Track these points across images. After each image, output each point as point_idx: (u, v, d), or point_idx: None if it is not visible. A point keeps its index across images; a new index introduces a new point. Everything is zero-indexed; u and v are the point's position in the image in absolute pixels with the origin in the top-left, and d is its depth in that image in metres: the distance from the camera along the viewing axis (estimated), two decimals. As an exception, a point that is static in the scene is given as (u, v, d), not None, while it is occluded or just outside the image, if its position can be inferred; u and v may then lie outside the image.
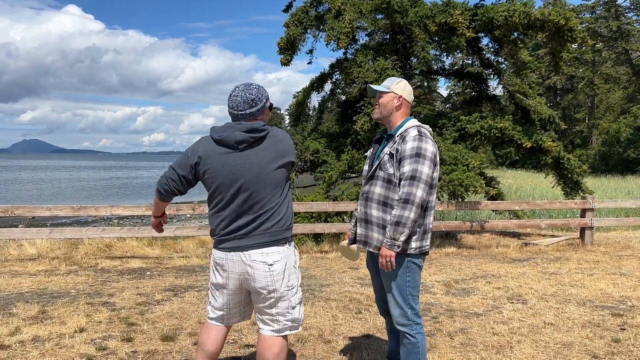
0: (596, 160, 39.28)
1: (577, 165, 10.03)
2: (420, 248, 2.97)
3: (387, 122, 3.11)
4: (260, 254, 2.73)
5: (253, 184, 2.72)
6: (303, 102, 11.99)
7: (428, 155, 2.89)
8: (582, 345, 4.17)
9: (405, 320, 3.02)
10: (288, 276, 2.79)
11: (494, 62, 11.73)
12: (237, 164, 2.74)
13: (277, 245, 2.77)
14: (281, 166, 2.76)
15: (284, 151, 2.78)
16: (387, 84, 3.10)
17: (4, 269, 6.78)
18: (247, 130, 2.74)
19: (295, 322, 2.87)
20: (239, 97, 2.79)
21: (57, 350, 3.90)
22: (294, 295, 2.84)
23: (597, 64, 46.62)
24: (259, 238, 2.74)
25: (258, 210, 2.74)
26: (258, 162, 2.73)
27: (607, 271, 7.00)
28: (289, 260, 2.82)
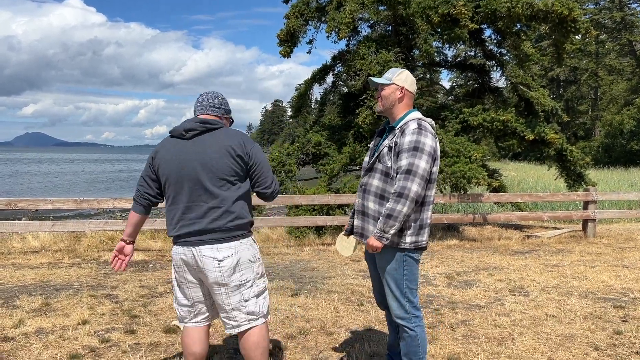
0: (599, 153, 39.13)
1: (580, 157, 10.00)
2: (415, 243, 2.95)
3: (390, 114, 3.08)
4: (210, 250, 2.74)
5: (197, 173, 2.72)
6: (305, 94, 11.96)
7: (426, 150, 2.85)
8: (583, 337, 4.17)
9: (404, 313, 3.01)
10: (240, 271, 2.78)
11: (497, 53, 11.68)
12: (182, 152, 2.77)
13: (229, 241, 2.75)
14: (228, 158, 2.72)
15: (233, 143, 2.74)
16: (389, 75, 3.07)
17: (7, 261, 6.81)
18: (199, 121, 2.80)
19: (253, 314, 2.84)
20: (206, 97, 2.93)
21: (61, 343, 3.92)
22: (248, 289, 2.82)
23: (600, 56, 46.36)
24: (209, 234, 2.73)
25: (205, 203, 2.73)
26: (203, 150, 2.74)
27: (609, 263, 6.99)
28: (243, 255, 2.80)
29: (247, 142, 2.80)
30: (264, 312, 2.90)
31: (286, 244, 8.41)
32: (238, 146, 2.75)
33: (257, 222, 8.47)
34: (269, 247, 8.19)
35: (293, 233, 8.93)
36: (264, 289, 2.93)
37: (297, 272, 6.45)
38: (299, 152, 10.40)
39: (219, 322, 4.45)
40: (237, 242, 2.78)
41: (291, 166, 10.10)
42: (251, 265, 2.84)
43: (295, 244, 8.41)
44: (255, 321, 2.86)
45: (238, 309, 2.82)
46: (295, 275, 6.27)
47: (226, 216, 2.74)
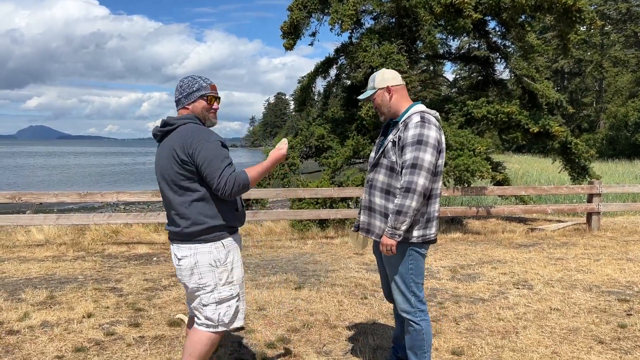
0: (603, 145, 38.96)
1: (585, 150, 9.94)
2: (423, 237, 2.94)
3: (393, 115, 3.07)
4: (177, 248, 2.78)
5: (161, 178, 2.77)
6: (308, 87, 11.92)
7: (430, 142, 2.84)
8: (588, 330, 4.16)
9: (409, 307, 3.01)
10: (199, 274, 2.72)
11: (501, 45, 11.60)
12: (157, 156, 2.83)
13: (190, 243, 2.72)
14: (174, 163, 2.66)
15: (177, 147, 2.65)
16: (371, 84, 3.07)
17: (12, 254, 6.84)
18: (161, 124, 2.78)
19: (210, 320, 2.76)
20: (176, 89, 2.86)
21: (66, 336, 3.94)
22: (206, 294, 2.74)
23: (605, 47, 46.04)
24: (176, 234, 2.77)
25: (171, 205, 2.75)
26: (161, 156, 2.76)
27: (613, 256, 6.97)
28: (202, 258, 2.71)
29: (192, 143, 2.63)
30: (224, 321, 2.77)
31: (289, 237, 8.42)
32: (181, 149, 2.64)
33: (260, 215, 8.48)
34: (272, 240, 8.20)
35: (296, 226, 8.93)
36: (229, 297, 2.78)
37: (301, 265, 6.45)
38: (302, 145, 10.37)
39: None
40: (199, 244, 2.72)
41: (294, 159, 10.08)
42: (212, 270, 2.73)
43: (298, 237, 8.41)
44: (211, 327, 2.78)
45: (198, 310, 2.80)
46: (298, 268, 6.27)
47: (182, 222, 2.72)
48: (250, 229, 8.91)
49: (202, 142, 2.64)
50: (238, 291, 2.83)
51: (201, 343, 2.77)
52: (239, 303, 2.84)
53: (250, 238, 8.31)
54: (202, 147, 2.62)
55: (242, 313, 2.88)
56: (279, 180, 9.95)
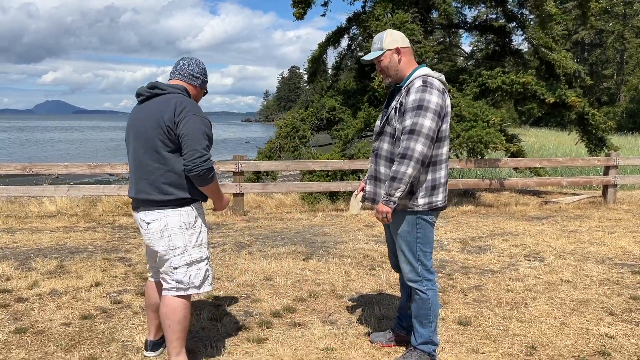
0: (623, 118, 38.13)
1: (602, 121, 9.69)
2: (429, 204, 2.86)
3: (399, 78, 2.96)
4: (144, 214, 2.77)
5: (136, 139, 2.74)
6: (319, 58, 11.73)
7: (431, 107, 2.73)
8: (598, 302, 4.09)
9: (416, 276, 2.97)
10: (169, 236, 2.74)
11: (518, 14, 11.26)
12: (133, 117, 2.82)
13: (160, 207, 2.72)
14: (158, 128, 2.64)
15: (165, 112, 2.63)
16: (378, 45, 2.93)
17: (24, 225, 6.92)
18: (149, 87, 2.78)
19: (180, 283, 2.78)
20: (187, 63, 2.87)
21: (74, 303, 3.97)
22: (176, 256, 2.76)
23: (628, 17, 44.63)
24: (143, 201, 2.75)
25: (142, 170, 2.73)
26: (143, 117, 2.73)
27: (628, 229, 6.84)
28: (171, 220, 2.73)
29: (183, 111, 2.63)
30: (194, 283, 2.80)
31: (299, 210, 8.39)
32: (169, 115, 2.63)
33: (270, 188, 8.46)
34: (283, 212, 8.18)
35: (307, 199, 8.89)
36: (199, 259, 2.81)
37: (310, 237, 6.43)
38: (313, 117, 10.26)
39: (224, 291, 4.48)
40: (168, 209, 2.73)
41: (305, 132, 9.99)
42: (182, 232, 2.75)
43: (308, 210, 8.38)
44: (182, 290, 2.79)
45: (167, 274, 2.80)
46: (307, 240, 6.25)
47: (151, 190, 2.71)
48: (261, 201, 8.90)
49: (193, 114, 2.64)
50: (207, 254, 2.88)
51: (176, 310, 2.79)
52: (208, 266, 2.88)
53: (260, 210, 8.31)
54: (191, 119, 2.62)
55: (212, 277, 2.93)
56: (289, 152, 9.88)
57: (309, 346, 3.27)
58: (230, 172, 7.97)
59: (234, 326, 3.59)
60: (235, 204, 7.85)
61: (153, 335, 3.12)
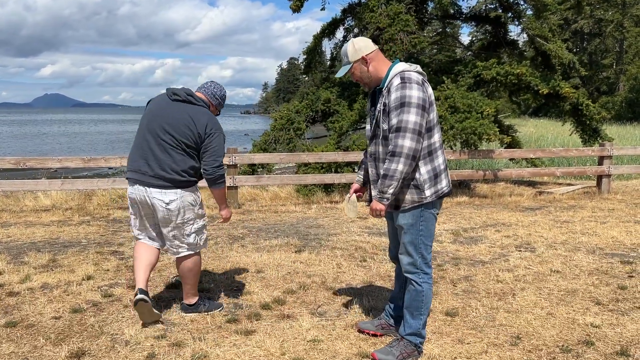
0: (622, 108, 38.04)
1: (596, 112, 9.68)
2: (436, 193, 2.91)
3: (376, 82, 2.99)
4: (159, 192, 3.36)
5: (160, 128, 3.35)
6: (314, 50, 11.70)
7: (413, 102, 2.75)
8: (586, 292, 4.12)
9: (414, 268, 3.00)
10: (185, 212, 3.43)
11: (514, 4, 11.22)
12: (162, 106, 3.43)
13: (174, 188, 3.36)
14: (188, 129, 3.31)
15: (199, 121, 3.33)
16: (345, 59, 2.97)
17: (19, 219, 6.94)
18: (187, 93, 3.44)
19: (191, 245, 3.55)
20: (212, 85, 3.62)
21: (64, 297, 4.00)
22: (189, 226, 3.49)
23: (627, 6, 44.39)
24: (156, 179, 3.35)
25: (160, 153, 3.33)
26: (172, 112, 3.37)
27: (621, 219, 6.86)
28: (185, 199, 3.41)
29: (213, 127, 3.37)
30: (200, 244, 3.60)
31: (294, 202, 8.41)
32: (202, 125, 3.33)
33: (265, 180, 8.47)
34: (277, 205, 8.20)
35: (301, 191, 8.91)
36: (199, 227, 3.56)
37: (303, 229, 6.46)
38: (308, 109, 10.25)
39: (215, 284, 4.51)
40: (181, 190, 3.39)
41: (300, 124, 9.99)
42: (192, 208, 3.48)
43: (303, 202, 8.40)
44: (193, 249, 3.56)
45: (180, 239, 3.51)
46: (300, 232, 6.28)
47: (170, 170, 3.34)
48: (256, 193, 8.92)
49: (220, 132, 3.42)
50: (206, 222, 3.69)
51: (194, 264, 3.61)
52: (206, 231, 3.72)
53: (255, 203, 8.33)
54: (218, 135, 3.41)
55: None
56: (284, 145, 9.89)
57: (296, 338, 3.30)
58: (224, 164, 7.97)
59: (223, 318, 3.62)
60: (230, 197, 7.87)
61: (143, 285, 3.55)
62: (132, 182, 3.45)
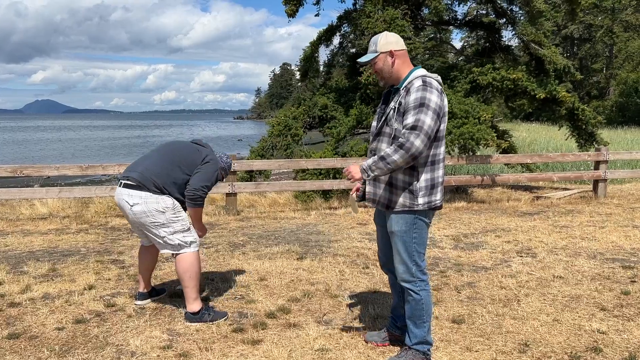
0: (613, 112, 38.40)
1: (592, 116, 9.76)
2: (429, 203, 2.89)
3: (393, 80, 2.98)
4: (127, 194, 3.54)
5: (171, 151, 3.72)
6: (311, 57, 11.71)
7: (432, 106, 2.76)
8: (590, 297, 4.13)
9: (409, 276, 2.98)
10: (153, 215, 3.52)
11: (508, 10, 11.30)
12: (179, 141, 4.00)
13: (140, 190, 3.50)
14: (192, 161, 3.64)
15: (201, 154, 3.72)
16: (373, 47, 2.95)
17: (16, 228, 6.87)
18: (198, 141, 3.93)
19: (174, 247, 3.63)
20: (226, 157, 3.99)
21: (67, 307, 3.95)
22: (162, 229, 3.57)
23: (616, 11, 44.90)
24: (129, 180, 3.55)
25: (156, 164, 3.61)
26: (186, 145, 3.82)
27: (619, 224, 6.90)
28: (150, 205, 3.50)
29: (207, 157, 3.70)
30: (184, 243, 3.63)
31: (293, 208, 8.39)
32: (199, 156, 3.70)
33: (264, 187, 8.45)
34: (276, 211, 8.18)
35: (300, 197, 8.89)
36: (177, 229, 3.61)
37: (303, 236, 6.44)
38: (305, 115, 10.25)
39: (218, 292, 4.48)
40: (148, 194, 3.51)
41: (297, 130, 9.98)
42: (163, 213, 3.55)
43: (302, 208, 8.39)
44: (180, 248, 3.63)
45: (159, 243, 3.66)
46: (301, 239, 6.26)
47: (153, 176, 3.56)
48: (254, 200, 8.89)
49: (213, 163, 3.72)
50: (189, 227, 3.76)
51: (189, 264, 3.63)
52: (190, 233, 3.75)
53: (253, 209, 8.30)
54: (210, 165, 3.69)
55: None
56: (282, 151, 9.87)
57: (304, 347, 3.28)
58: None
59: (229, 328, 3.59)
60: (229, 204, 7.84)
61: (142, 288, 3.96)
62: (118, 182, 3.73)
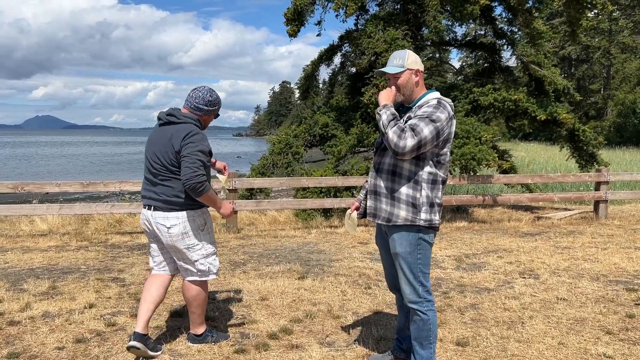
0: (611, 132, 38.56)
1: (593, 137, 9.80)
2: (429, 221, 2.89)
3: (409, 99, 3.00)
4: (162, 217, 3.32)
5: (152, 156, 3.33)
6: (312, 75, 11.79)
7: (436, 123, 2.77)
8: (595, 320, 4.10)
9: (416, 297, 2.96)
10: (189, 237, 3.35)
11: (508, 32, 11.42)
12: (152, 135, 3.42)
13: (175, 211, 3.30)
14: (169, 151, 3.24)
15: (176, 139, 3.23)
16: (400, 62, 2.94)
17: (15, 244, 6.83)
18: (167, 113, 3.37)
19: (202, 272, 3.47)
20: (194, 96, 3.40)
21: (67, 326, 3.91)
22: (194, 252, 3.40)
23: (613, 33, 45.40)
24: (159, 202, 3.31)
25: (156, 179, 3.32)
26: (159, 138, 3.32)
27: (621, 245, 6.88)
28: (187, 224, 3.33)
29: (186, 137, 3.21)
30: (209, 270, 3.50)
31: (293, 227, 8.37)
32: (177, 141, 3.22)
33: (264, 205, 8.43)
34: (276, 229, 8.15)
35: (300, 215, 8.87)
36: (206, 253, 3.45)
37: (304, 254, 6.41)
38: (306, 133, 10.29)
39: (220, 312, 4.44)
40: (183, 212, 3.32)
41: (298, 148, 10.00)
42: (198, 233, 3.39)
43: (302, 227, 8.36)
44: (204, 275, 3.48)
45: (187, 265, 3.45)
46: (302, 258, 6.23)
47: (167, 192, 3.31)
48: (254, 218, 8.86)
49: (196, 141, 3.23)
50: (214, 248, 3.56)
51: (199, 292, 3.51)
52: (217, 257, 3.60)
53: (254, 227, 8.27)
54: (193, 144, 3.22)
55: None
56: (282, 169, 9.88)
57: (307, 369, 3.24)
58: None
59: (231, 349, 3.55)
60: (229, 222, 7.82)
61: (142, 328, 3.41)
62: (144, 206, 3.45)
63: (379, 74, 3.06)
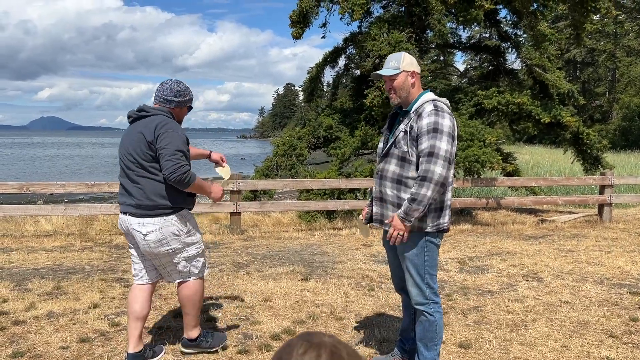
0: (616, 136, 38.45)
1: (597, 141, 9.78)
2: (437, 225, 2.90)
3: (406, 101, 3.01)
4: (137, 224, 3.12)
5: (125, 155, 3.16)
6: (316, 78, 11.83)
7: (445, 130, 2.78)
8: (598, 324, 4.09)
9: (423, 299, 2.98)
10: (168, 243, 3.15)
11: (512, 35, 11.42)
12: (125, 134, 3.26)
13: (151, 217, 3.10)
14: (141, 144, 3.05)
15: (147, 130, 3.05)
16: (395, 64, 2.96)
17: (20, 245, 6.87)
18: (137, 109, 3.22)
19: (183, 274, 3.31)
20: (162, 89, 3.24)
21: (71, 326, 3.93)
22: (176, 256, 3.23)
23: (619, 36, 45.28)
24: (134, 208, 3.12)
25: (130, 180, 3.13)
26: (130, 134, 3.17)
27: (625, 248, 6.86)
28: (165, 230, 3.12)
29: (159, 128, 3.04)
30: (196, 272, 3.34)
31: (297, 229, 8.38)
32: (149, 131, 3.04)
33: (267, 206, 8.45)
34: (280, 231, 8.17)
35: (304, 217, 8.89)
36: (192, 254, 3.29)
37: (308, 256, 6.42)
38: (310, 135, 10.31)
39: (223, 313, 4.45)
40: (160, 218, 3.10)
41: (302, 150, 10.03)
42: (177, 238, 3.18)
43: (306, 229, 8.37)
44: (192, 276, 3.33)
45: (173, 270, 3.30)
46: (305, 259, 6.24)
47: (140, 195, 3.10)
48: (258, 219, 8.88)
49: (170, 130, 3.06)
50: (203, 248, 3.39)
51: (193, 292, 3.35)
52: (204, 259, 3.43)
53: (257, 229, 8.29)
54: (168, 134, 3.04)
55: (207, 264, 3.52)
56: (286, 171, 9.91)
57: (309, 370, 3.24)
58: (227, 190, 7.97)
59: (234, 349, 3.56)
60: (233, 223, 7.84)
61: (133, 347, 3.26)
62: (120, 211, 3.27)
63: (375, 76, 3.07)
